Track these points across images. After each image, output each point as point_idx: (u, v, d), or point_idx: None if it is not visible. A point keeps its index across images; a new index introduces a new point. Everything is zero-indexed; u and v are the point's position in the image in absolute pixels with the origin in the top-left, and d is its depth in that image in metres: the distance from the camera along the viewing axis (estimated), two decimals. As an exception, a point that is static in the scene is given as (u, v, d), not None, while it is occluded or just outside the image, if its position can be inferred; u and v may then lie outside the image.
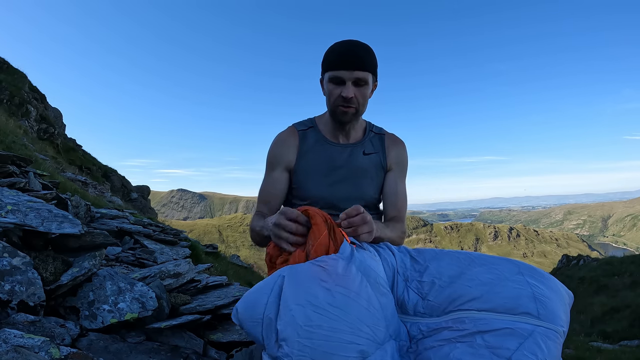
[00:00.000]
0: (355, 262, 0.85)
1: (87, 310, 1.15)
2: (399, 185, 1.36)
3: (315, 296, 0.76)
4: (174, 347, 1.16)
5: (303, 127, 1.36)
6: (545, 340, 0.73)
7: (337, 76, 1.17)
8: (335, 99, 1.20)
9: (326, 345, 0.71)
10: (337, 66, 1.17)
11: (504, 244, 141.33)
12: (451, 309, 0.86)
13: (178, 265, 1.65)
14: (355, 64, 1.15)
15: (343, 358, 0.71)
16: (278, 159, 1.32)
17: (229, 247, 65.99)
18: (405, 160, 1.40)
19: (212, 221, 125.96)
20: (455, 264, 0.95)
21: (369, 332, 0.76)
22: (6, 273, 1.04)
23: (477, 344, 0.76)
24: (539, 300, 0.80)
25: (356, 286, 0.80)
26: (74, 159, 10.36)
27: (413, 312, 0.92)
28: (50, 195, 2.14)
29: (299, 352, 0.71)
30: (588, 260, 15.62)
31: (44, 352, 0.84)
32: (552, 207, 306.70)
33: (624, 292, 9.69)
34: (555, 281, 0.87)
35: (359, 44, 1.18)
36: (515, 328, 0.75)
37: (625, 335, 6.57)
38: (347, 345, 0.72)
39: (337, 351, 0.71)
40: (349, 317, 0.75)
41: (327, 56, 1.20)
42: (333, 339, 0.72)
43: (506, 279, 0.86)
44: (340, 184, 1.29)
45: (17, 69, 11.27)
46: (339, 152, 1.31)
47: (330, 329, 0.73)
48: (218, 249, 5.83)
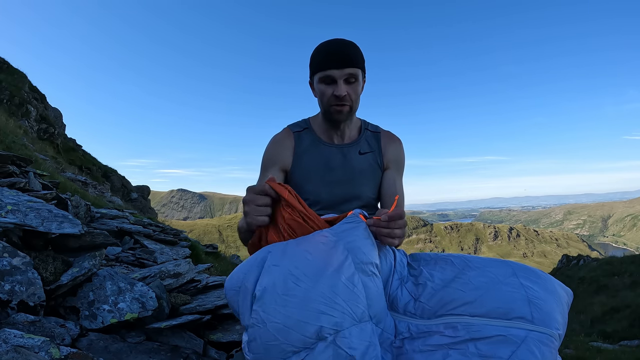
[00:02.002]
0: (343, 240, 0.86)
1: (87, 310, 1.15)
2: (397, 183, 1.36)
3: (296, 266, 0.79)
4: (174, 347, 1.16)
5: (298, 128, 1.36)
6: (539, 346, 0.72)
7: (328, 75, 1.17)
8: (328, 98, 1.20)
9: (299, 314, 0.74)
10: (326, 65, 1.16)
11: (504, 244, 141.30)
12: (443, 312, 0.86)
13: (178, 265, 1.65)
14: (345, 61, 1.15)
15: (315, 327, 0.73)
16: (274, 159, 1.31)
17: (229, 247, 65.94)
18: (402, 158, 1.40)
19: (212, 221, 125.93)
20: (450, 268, 0.95)
21: (345, 306, 0.77)
22: (6, 273, 1.04)
23: (469, 352, 0.75)
24: (533, 303, 0.79)
25: (339, 262, 0.82)
26: (74, 159, 10.36)
27: (403, 311, 0.92)
28: (50, 195, 2.14)
29: (273, 319, 0.74)
30: (588, 260, 15.61)
31: (44, 352, 0.84)
32: (552, 207, 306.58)
33: (624, 292, 9.69)
34: (551, 281, 0.86)
35: (345, 41, 1.19)
36: (508, 335, 0.74)
37: (625, 335, 6.57)
38: (319, 315, 0.74)
39: (310, 320, 0.73)
40: (325, 289, 0.77)
41: (315, 57, 1.20)
42: (307, 307, 0.74)
43: (500, 282, 0.85)
44: (337, 185, 1.29)
45: (17, 69, 11.26)
46: (334, 153, 1.31)
47: (305, 298, 0.75)
48: (218, 249, 5.82)
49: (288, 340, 0.73)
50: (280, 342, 0.73)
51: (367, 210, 1.21)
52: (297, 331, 0.73)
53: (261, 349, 0.74)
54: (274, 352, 0.73)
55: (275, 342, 0.73)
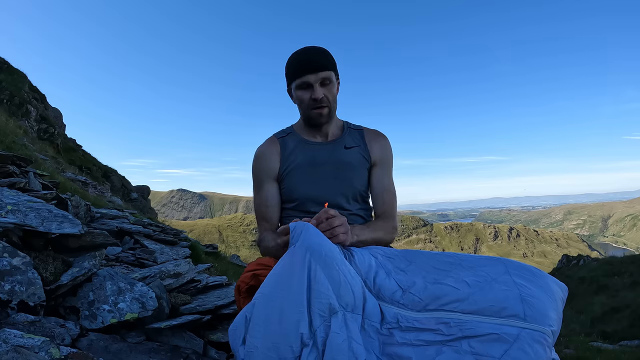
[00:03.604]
0: (300, 243, 0.92)
1: (87, 310, 1.15)
2: (385, 180, 1.39)
3: (269, 286, 0.88)
4: (174, 347, 1.16)
5: (282, 134, 1.41)
6: (532, 344, 0.73)
7: (304, 81, 1.25)
8: (308, 102, 1.27)
9: (281, 329, 0.80)
10: (301, 73, 1.24)
11: (504, 244, 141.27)
12: (434, 307, 0.87)
13: (178, 265, 1.65)
14: (318, 67, 1.24)
15: (297, 335, 0.79)
16: (264, 172, 1.36)
17: (229, 247, 65.88)
18: (389, 154, 1.42)
19: (212, 221, 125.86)
20: (442, 265, 0.97)
21: (315, 306, 0.82)
22: (6, 273, 1.04)
23: (463, 350, 0.76)
24: (526, 301, 0.79)
25: (300, 264, 0.87)
26: (74, 159, 10.36)
27: (390, 300, 0.94)
28: (50, 195, 2.14)
29: (262, 341, 0.79)
30: (588, 260, 15.61)
31: (44, 352, 0.84)
32: (552, 207, 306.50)
33: (624, 292, 9.69)
34: (544, 277, 0.87)
35: (315, 47, 1.28)
36: (501, 333, 0.75)
37: (625, 335, 6.56)
38: (297, 324, 0.80)
39: (291, 332, 0.79)
40: (295, 297, 0.83)
41: (289, 67, 1.28)
42: (285, 321, 0.80)
43: (493, 280, 0.86)
44: (326, 180, 1.31)
45: (17, 69, 11.26)
46: (320, 149, 1.35)
47: (281, 313, 0.81)
48: (218, 249, 5.82)
49: (280, 355, 0.78)
50: (273, 358, 0.78)
51: (356, 203, 1.31)
52: (285, 345, 0.78)
53: None
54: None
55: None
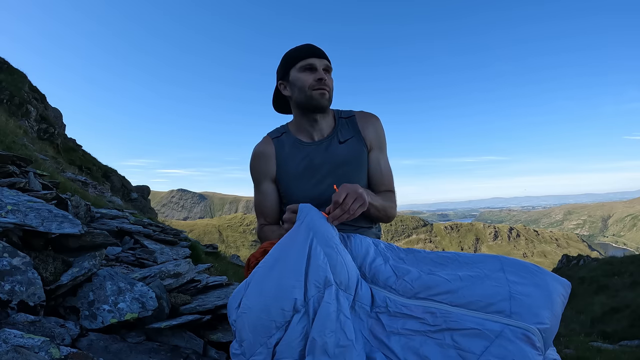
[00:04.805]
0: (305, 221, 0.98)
1: (87, 310, 1.15)
2: (381, 162, 1.40)
3: (271, 256, 0.93)
4: (174, 347, 1.16)
5: (277, 134, 1.41)
6: (515, 341, 0.72)
7: (309, 63, 1.27)
8: (311, 83, 1.27)
9: (276, 292, 0.84)
10: (307, 55, 1.27)
11: (504, 244, 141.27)
12: (424, 296, 0.88)
13: (178, 265, 1.65)
14: (322, 54, 1.30)
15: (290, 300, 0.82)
16: (260, 173, 1.38)
17: (229, 247, 65.93)
18: (381, 134, 1.42)
19: (212, 221, 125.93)
20: (440, 260, 0.99)
21: (312, 277, 0.86)
22: (6, 273, 1.04)
23: (446, 344, 0.77)
24: (514, 298, 0.79)
25: (303, 238, 0.93)
26: (74, 159, 10.36)
27: (383, 284, 0.96)
28: (50, 195, 2.14)
29: (256, 303, 0.83)
30: (588, 260, 15.61)
31: (44, 352, 0.84)
32: (552, 207, 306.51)
33: (624, 292, 9.69)
34: (543, 275, 0.85)
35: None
36: (483, 329, 0.75)
37: (625, 335, 6.56)
38: (292, 289, 0.83)
39: (285, 295, 0.83)
40: (294, 265, 0.87)
41: (292, 53, 1.31)
42: (281, 285, 0.84)
43: (486, 276, 0.87)
44: (324, 180, 1.31)
45: (17, 69, 11.26)
46: (315, 150, 1.34)
47: (279, 277, 0.86)
48: (218, 249, 5.82)
49: (270, 317, 0.80)
50: (264, 320, 0.80)
51: None
52: (277, 307, 0.81)
53: (249, 332, 0.81)
54: (260, 331, 0.80)
55: (259, 322, 0.80)
